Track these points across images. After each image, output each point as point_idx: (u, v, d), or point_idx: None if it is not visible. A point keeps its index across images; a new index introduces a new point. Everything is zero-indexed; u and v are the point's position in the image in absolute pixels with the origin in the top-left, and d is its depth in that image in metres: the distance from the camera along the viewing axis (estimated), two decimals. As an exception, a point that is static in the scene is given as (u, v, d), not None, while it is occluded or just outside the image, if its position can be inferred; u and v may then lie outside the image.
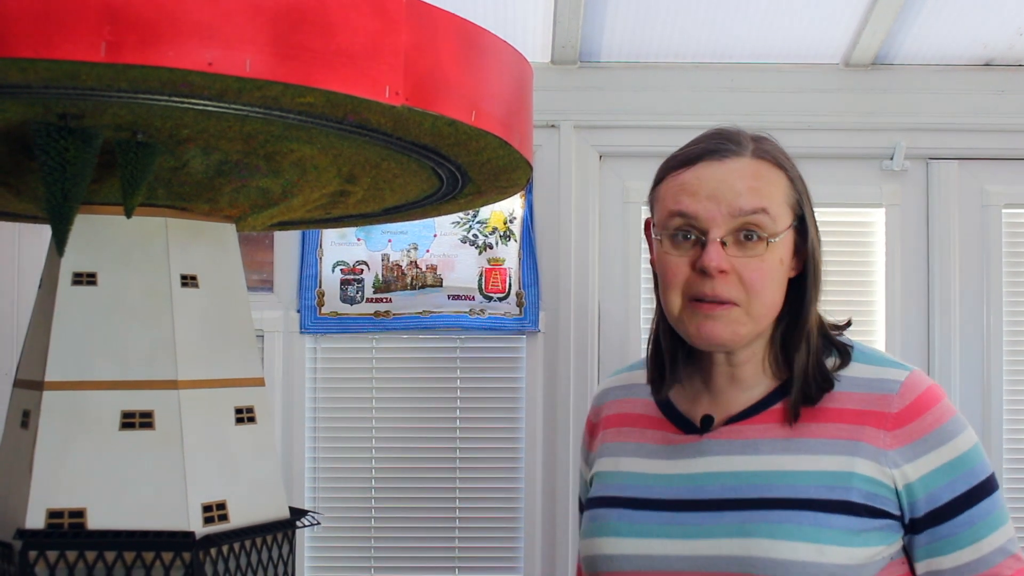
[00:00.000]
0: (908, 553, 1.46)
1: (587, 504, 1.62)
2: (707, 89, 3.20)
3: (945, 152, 3.23)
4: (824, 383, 1.50)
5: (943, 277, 3.20)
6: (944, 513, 1.42)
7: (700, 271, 1.45)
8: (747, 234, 1.46)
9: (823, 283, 1.57)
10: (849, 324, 1.59)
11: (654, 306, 1.65)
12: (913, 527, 1.44)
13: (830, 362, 1.51)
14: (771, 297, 1.49)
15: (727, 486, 1.47)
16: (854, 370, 1.51)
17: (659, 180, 1.56)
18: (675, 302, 1.49)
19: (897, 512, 1.43)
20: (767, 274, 1.47)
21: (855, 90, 3.20)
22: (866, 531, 1.41)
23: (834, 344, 1.54)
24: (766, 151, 1.52)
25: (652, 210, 1.58)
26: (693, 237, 1.47)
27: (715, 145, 1.51)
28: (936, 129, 3.21)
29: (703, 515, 1.46)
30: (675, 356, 1.60)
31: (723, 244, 1.45)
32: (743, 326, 1.47)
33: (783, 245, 1.49)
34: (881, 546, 1.42)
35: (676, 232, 1.48)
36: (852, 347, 1.54)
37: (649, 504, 1.52)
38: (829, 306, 1.60)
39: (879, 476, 1.42)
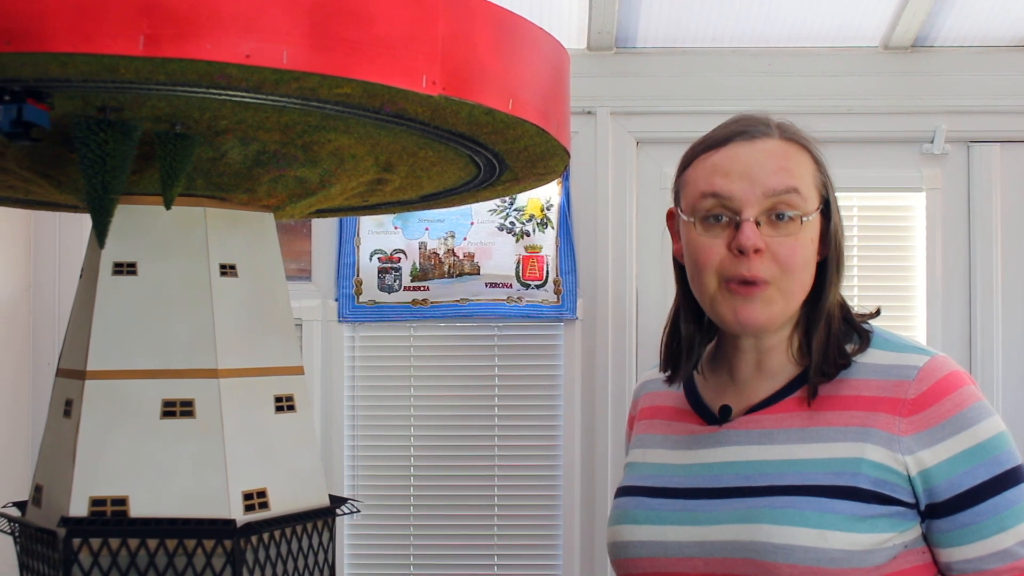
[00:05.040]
0: (928, 541, 1.45)
1: (615, 494, 1.63)
2: (744, 74, 3.18)
3: (986, 135, 3.20)
4: (841, 358, 1.50)
5: (985, 262, 3.17)
6: (966, 500, 1.40)
7: (736, 251, 1.45)
8: (779, 214, 1.46)
9: (852, 268, 1.57)
10: (878, 313, 1.59)
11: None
12: (932, 513, 1.42)
13: (850, 347, 1.51)
14: (803, 276, 1.49)
15: (740, 475, 1.47)
16: (873, 356, 1.50)
17: (686, 165, 1.56)
18: (710, 284, 1.49)
19: (910, 499, 1.41)
20: (800, 252, 1.48)
21: (894, 73, 3.17)
22: (873, 517, 1.39)
23: (855, 329, 1.54)
24: (793, 133, 1.53)
25: (678, 196, 1.57)
26: (725, 219, 1.47)
27: (743, 127, 1.52)
28: (977, 112, 3.18)
29: (715, 502, 1.47)
30: (693, 344, 1.61)
31: (757, 224, 1.45)
32: (776, 306, 1.48)
33: (813, 226, 1.50)
34: (890, 533, 1.40)
35: (708, 214, 1.49)
36: (872, 332, 1.53)
37: (667, 492, 1.53)
38: (868, 292, 1.60)
39: (889, 462, 1.41)
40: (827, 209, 1.53)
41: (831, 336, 1.51)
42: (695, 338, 1.61)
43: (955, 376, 1.46)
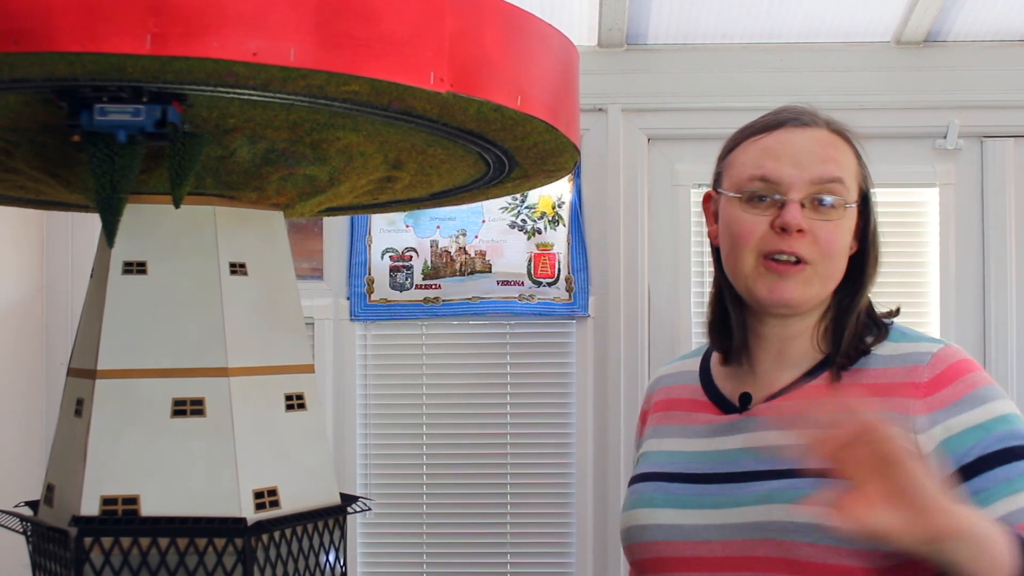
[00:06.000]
0: None
1: (630, 482, 1.65)
2: (756, 70, 3.17)
3: (1000, 130, 3.18)
4: (860, 344, 1.54)
5: (999, 257, 3.15)
6: (976, 467, 1.41)
7: (780, 229, 1.49)
8: (823, 199, 1.49)
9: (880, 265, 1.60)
10: (898, 312, 1.62)
11: (705, 288, 1.67)
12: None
13: (869, 339, 1.55)
14: (840, 261, 1.54)
15: (760, 459, 1.49)
16: (890, 348, 1.54)
17: (732, 147, 1.61)
18: (747, 261, 1.53)
19: None
20: (841, 237, 1.53)
21: (907, 68, 3.16)
22: None
23: (876, 323, 1.57)
24: (839, 127, 1.60)
25: (721, 176, 1.60)
26: (769, 199, 1.50)
27: (794, 114, 1.58)
28: (991, 106, 3.16)
29: (734, 486, 1.49)
30: (743, 322, 1.62)
31: (801, 206, 1.48)
32: (811, 287, 1.52)
33: (852, 216, 1.54)
34: None
35: (754, 194, 1.51)
36: (891, 326, 1.56)
37: (685, 478, 1.55)
38: (882, 287, 1.62)
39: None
40: (864, 204, 1.56)
41: (858, 327, 1.54)
42: (742, 316, 1.63)
43: (968, 362, 1.50)
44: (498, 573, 3.22)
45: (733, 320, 1.63)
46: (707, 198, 1.67)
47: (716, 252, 1.64)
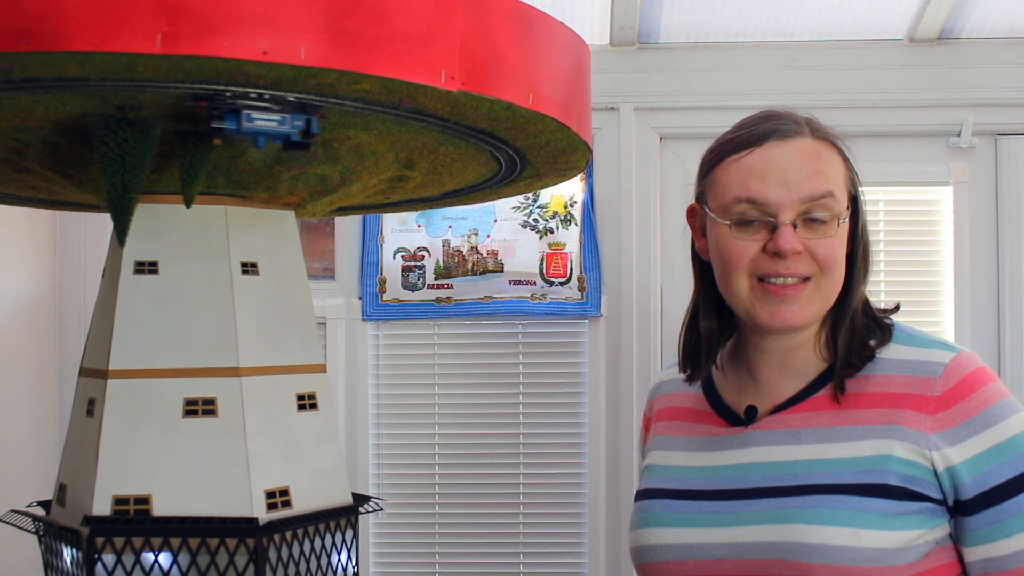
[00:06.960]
0: (954, 539, 1.43)
1: (636, 497, 1.62)
2: (768, 68, 3.16)
3: (1014, 128, 3.16)
4: (864, 350, 1.49)
5: (1013, 256, 3.13)
6: (991, 498, 1.39)
7: (773, 254, 1.44)
8: (815, 216, 1.44)
9: (878, 263, 1.57)
10: (897, 308, 1.58)
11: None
12: (959, 510, 1.41)
13: (872, 342, 1.51)
14: (839, 274, 1.49)
15: (768, 475, 1.46)
16: (897, 352, 1.49)
17: (714, 163, 1.53)
18: (742, 284, 1.48)
19: (938, 495, 1.40)
20: (838, 251, 1.47)
21: (920, 66, 3.14)
22: (904, 514, 1.38)
23: (878, 324, 1.53)
24: (823, 131, 1.51)
25: (705, 195, 1.54)
26: (759, 222, 1.45)
27: (775, 126, 1.49)
28: (1005, 104, 3.14)
29: (743, 503, 1.46)
30: (712, 341, 1.59)
31: (793, 227, 1.44)
32: (813, 304, 1.47)
33: (846, 227, 1.48)
34: (921, 530, 1.39)
35: (743, 218, 1.47)
36: (893, 326, 1.52)
37: (691, 495, 1.52)
38: (895, 287, 1.60)
39: (917, 459, 1.40)
40: (854, 205, 1.51)
41: (855, 331, 1.51)
42: (714, 335, 1.60)
43: (981, 373, 1.45)
44: (510, 573, 3.21)
45: (703, 341, 1.60)
46: (691, 212, 1.60)
47: (699, 265, 1.60)
